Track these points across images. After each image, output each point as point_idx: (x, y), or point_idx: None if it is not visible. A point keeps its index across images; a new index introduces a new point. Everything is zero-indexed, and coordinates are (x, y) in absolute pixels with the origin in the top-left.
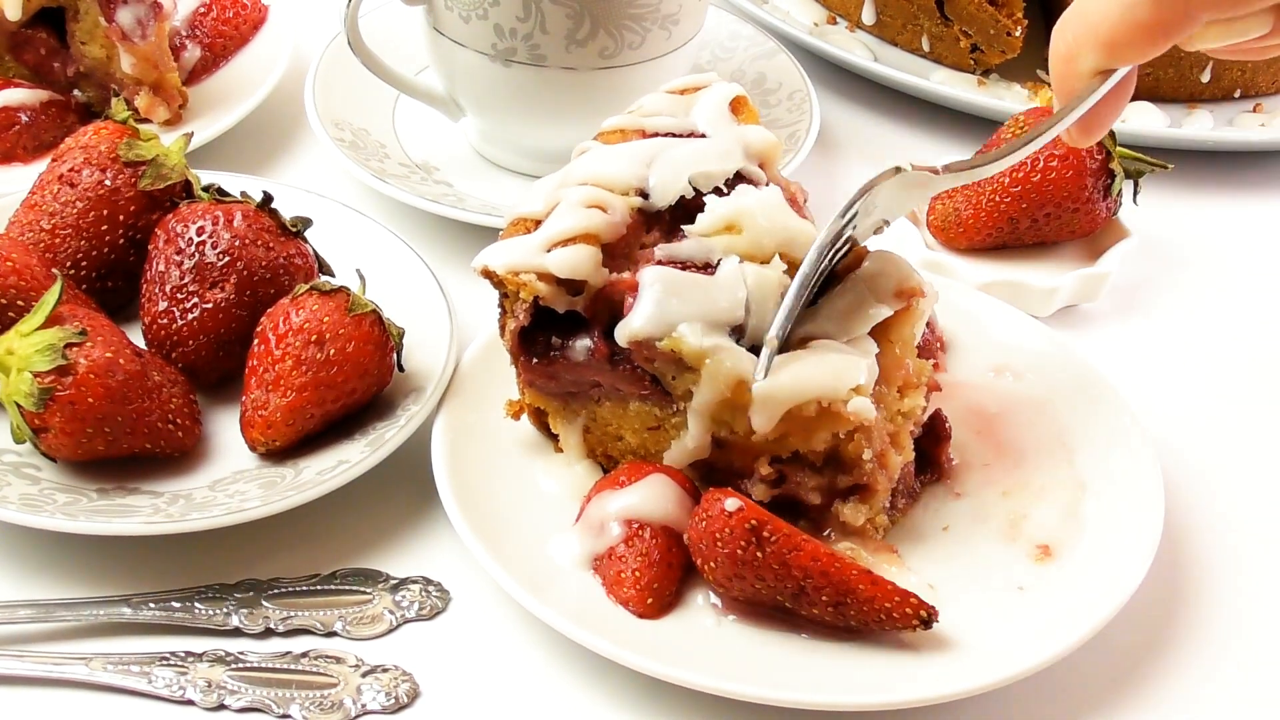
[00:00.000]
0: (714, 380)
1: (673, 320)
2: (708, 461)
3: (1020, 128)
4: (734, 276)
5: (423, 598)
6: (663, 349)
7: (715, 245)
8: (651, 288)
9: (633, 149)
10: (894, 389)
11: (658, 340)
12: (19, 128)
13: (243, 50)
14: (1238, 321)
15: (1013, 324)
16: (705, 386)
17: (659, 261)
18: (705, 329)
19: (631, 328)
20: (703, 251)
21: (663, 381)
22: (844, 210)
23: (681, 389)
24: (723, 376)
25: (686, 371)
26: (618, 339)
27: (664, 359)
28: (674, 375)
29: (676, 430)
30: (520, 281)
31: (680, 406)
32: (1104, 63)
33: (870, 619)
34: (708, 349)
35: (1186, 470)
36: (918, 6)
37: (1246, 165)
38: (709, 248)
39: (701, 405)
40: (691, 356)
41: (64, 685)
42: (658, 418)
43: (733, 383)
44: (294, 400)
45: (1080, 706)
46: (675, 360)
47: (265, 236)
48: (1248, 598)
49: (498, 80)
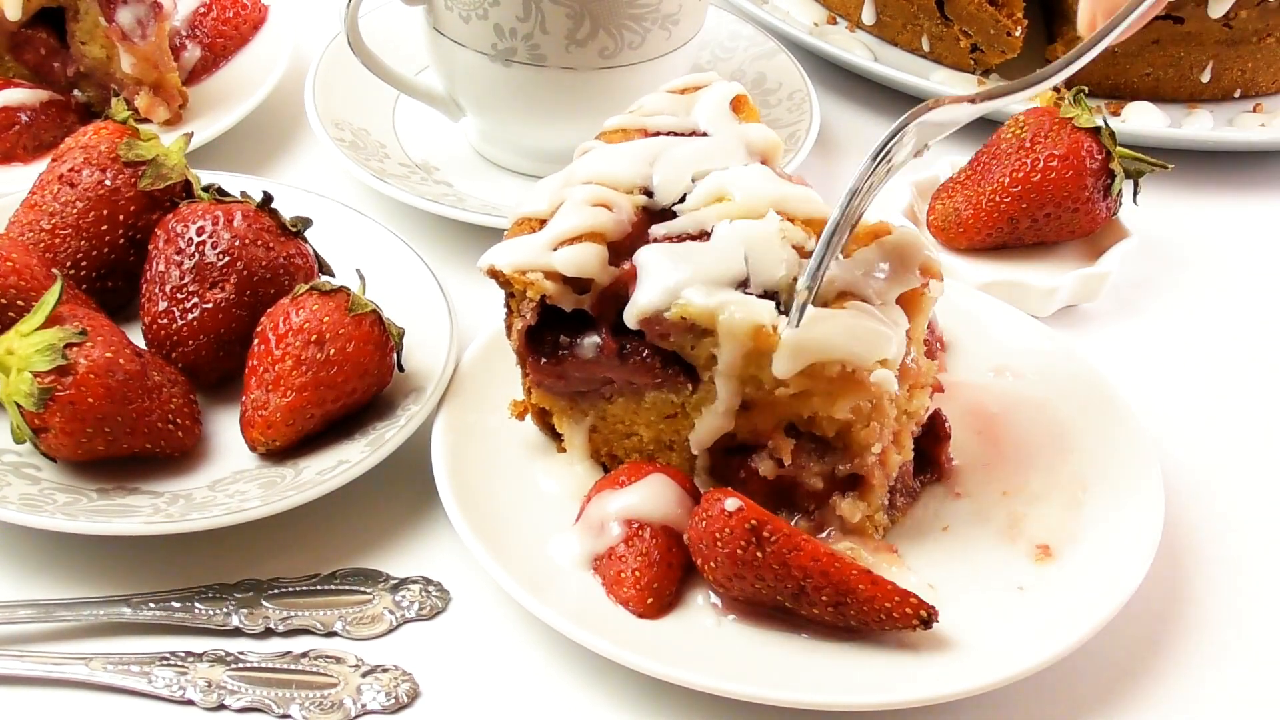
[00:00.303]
0: (731, 334)
1: (676, 289)
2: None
3: (1020, 128)
4: (729, 236)
5: (423, 598)
6: (672, 318)
7: (708, 215)
8: (650, 263)
9: (636, 148)
10: (904, 386)
11: (665, 311)
12: (19, 128)
13: (243, 50)
14: (1238, 321)
15: (1013, 324)
16: (725, 344)
17: (654, 239)
18: (709, 288)
19: (638, 305)
20: (696, 223)
21: (683, 355)
22: (877, 151)
23: (704, 356)
24: (739, 328)
25: (704, 336)
26: (627, 322)
27: (677, 329)
28: (692, 345)
29: (697, 410)
30: (527, 281)
31: (705, 378)
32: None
33: (870, 619)
34: (716, 306)
35: (1186, 470)
36: (918, 6)
37: (1246, 165)
38: (701, 219)
39: (727, 365)
40: (702, 317)
41: (64, 685)
42: (674, 404)
43: (751, 331)
44: (294, 400)
45: (1080, 706)
46: (689, 327)
47: (265, 236)
48: (1248, 598)
49: (498, 80)
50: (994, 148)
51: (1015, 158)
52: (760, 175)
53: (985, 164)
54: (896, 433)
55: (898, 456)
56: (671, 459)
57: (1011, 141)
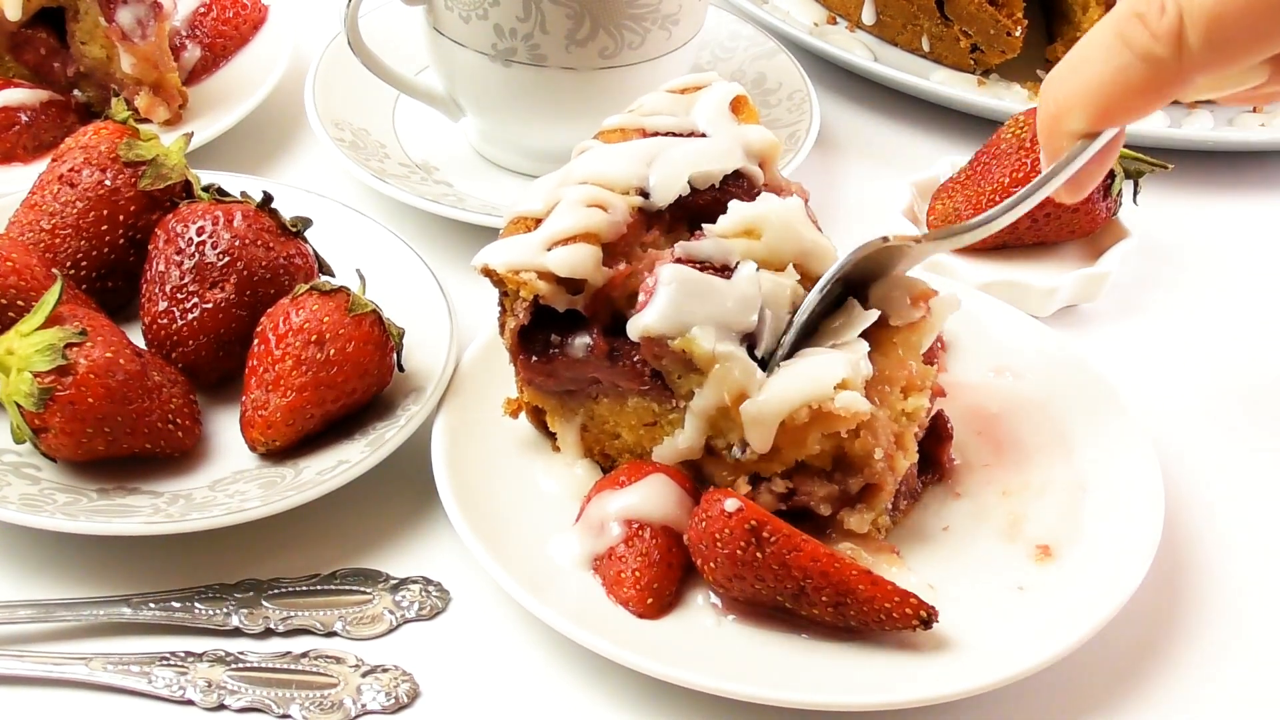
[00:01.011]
0: (719, 386)
1: (687, 321)
2: (697, 466)
3: (1020, 128)
4: (750, 283)
5: (423, 598)
6: (674, 348)
7: (734, 248)
8: (668, 286)
9: (633, 148)
10: (897, 389)
11: (670, 339)
12: (19, 128)
13: (243, 50)
14: (1237, 321)
15: (1013, 324)
16: (709, 390)
17: (678, 259)
18: (718, 334)
19: (645, 323)
20: (721, 253)
21: (667, 379)
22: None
23: (685, 389)
24: (728, 384)
25: (693, 373)
26: (629, 333)
27: (673, 358)
28: (679, 374)
29: (672, 427)
30: (520, 280)
31: (679, 404)
32: (1093, 124)
33: (870, 619)
34: (719, 355)
35: (1186, 470)
36: (918, 6)
37: (1246, 165)
38: (727, 250)
39: (701, 408)
40: (702, 360)
41: (64, 685)
42: (655, 414)
43: (736, 392)
44: (294, 400)
45: (1080, 706)
46: (684, 360)
47: (265, 236)
48: (1248, 598)
49: (498, 80)
50: (994, 148)
51: (1015, 158)
52: (792, 216)
53: (985, 164)
54: (900, 434)
55: (905, 460)
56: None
57: (1011, 141)
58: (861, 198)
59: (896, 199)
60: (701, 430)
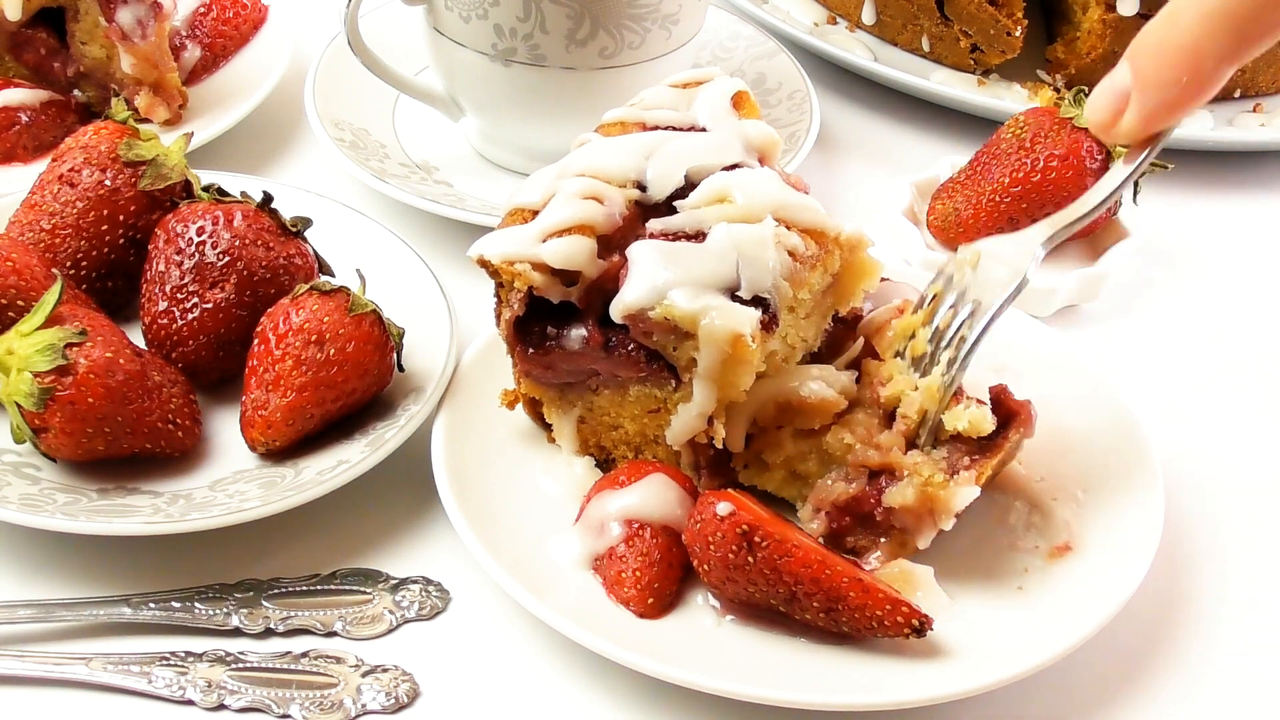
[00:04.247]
0: (711, 340)
1: (663, 289)
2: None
3: (1020, 128)
4: (723, 239)
5: (423, 598)
6: (655, 318)
7: (707, 216)
8: (641, 260)
9: (632, 142)
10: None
11: (650, 310)
12: (19, 128)
13: (243, 50)
14: (1237, 321)
15: (1013, 324)
16: (705, 349)
17: (650, 235)
18: (695, 291)
19: (624, 301)
20: (694, 222)
21: (665, 355)
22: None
23: (685, 358)
24: (719, 334)
25: (686, 339)
26: (612, 315)
27: (661, 329)
28: (674, 345)
29: (678, 409)
30: (515, 271)
31: (685, 379)
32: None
33: (862, 626)
34: (698, 310)
35: (1186, 470)
36: (918, 6)
37: (1246, 165)
38: (700, 219)
39: (706, 369)
40: (685, 320)
41: (64, 685)
42: (658, 399)
43: (729, 338)
44: (294, 400)
45: (1080, 706)
46: (672, 329)
47: (265, 236)
48: (1248, 597)
49: (498, 80)
50: (994, 148)
51: (1015, 158)
52: (764, 179)
53: (985, 164)
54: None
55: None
56: (658, 452)
57: (1011, 141)
58: (861, 198)
59: (896, 199)
60: (712, 395)
